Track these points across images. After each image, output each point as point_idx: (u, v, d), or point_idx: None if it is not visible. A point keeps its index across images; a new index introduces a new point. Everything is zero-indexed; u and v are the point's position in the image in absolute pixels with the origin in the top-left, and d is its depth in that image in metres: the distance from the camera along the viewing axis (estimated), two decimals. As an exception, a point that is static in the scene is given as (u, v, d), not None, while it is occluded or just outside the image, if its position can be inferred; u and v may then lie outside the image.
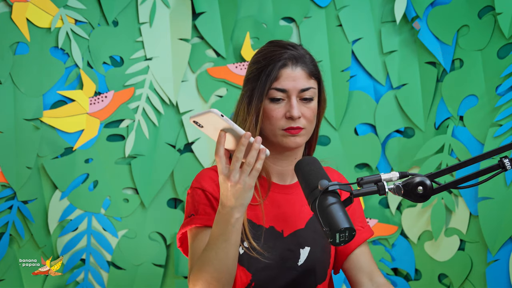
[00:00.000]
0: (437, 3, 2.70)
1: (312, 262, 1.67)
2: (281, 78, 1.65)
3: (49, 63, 2.63)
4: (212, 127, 1.45)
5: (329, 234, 1.34)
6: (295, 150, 1.69)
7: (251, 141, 1.45)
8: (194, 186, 1.67)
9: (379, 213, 2.72)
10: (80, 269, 2.63)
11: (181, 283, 2.68)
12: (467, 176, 1.40)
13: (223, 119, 1.42)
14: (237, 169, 1.45)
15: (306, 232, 1.69)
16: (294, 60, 1.65)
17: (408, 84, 2.73)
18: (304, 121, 1.65)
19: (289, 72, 1.65)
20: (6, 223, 2.58)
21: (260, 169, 1.46)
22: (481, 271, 2.59)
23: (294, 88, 1.64)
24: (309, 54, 1.70)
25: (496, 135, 2.56)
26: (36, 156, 2.61)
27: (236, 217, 1.49)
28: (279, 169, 1.71)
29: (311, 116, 1.66)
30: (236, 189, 1.46)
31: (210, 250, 1.52)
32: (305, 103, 1.65)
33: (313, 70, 1.67)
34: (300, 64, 1.65)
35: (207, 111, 1.42)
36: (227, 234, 1.50)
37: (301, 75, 1.65)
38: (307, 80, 1.66)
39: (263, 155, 1.46)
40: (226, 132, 1.45)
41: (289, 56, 1.65)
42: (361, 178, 1.40)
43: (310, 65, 1.67)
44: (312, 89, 1.66)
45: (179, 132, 2.71)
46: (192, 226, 1.63)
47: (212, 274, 1.52)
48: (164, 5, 2.73)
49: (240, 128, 1.45)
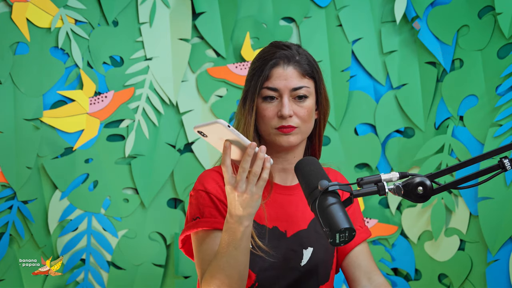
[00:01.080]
0: (437, 3, 2.70)
1: (315, 263, 1.68)
2: (272, 78, 1.65)
3: (49, 63, 2.63)
4: (216, 137, 1.44)
5: (329, 235, 1.34)
6: (293, 149, 1.69)
7: (256, 151, 1.45)
8: (198, 189, 1.67)
9: (379, 213, 2.72)
10: (80, 269, 2.63)
11: (181, 283, 2.68)
12: (467, 176, 1.39)
13: (230, 129, 1.41)
14: (243, 179, 1.44)
15: (309, 233, 1.69)
16: (285, 59, 1.66)
17: (408, 84, 2.73)
18: (296, 119, 1.65)
19: (280, 71, 1.65)
20: (6, 223, 2.58)
21: (267, 179, 1.45)
22: (481, 271, 2.59)
23: (285, 87, 1.65)
24: (306, 54, 1.70)
25: (496, 135, 2.56)
26: (36, 156, 2.61)
27: (245, 225, 1.49)
28: (280, 167, 1.71)
29: (304, 115, 1.65)
30: (243, 198, 1.45)
31: (220, 257, 1.52)
32: (298, 102, 1.65)
33: (308, 69, 1.67)
34: (292, 63, 1.66)
35: (214, 122, 1.40)
36: (237, 242, 1.50)
37: (292, 74, 1.65)
38: (300, 79, 1.66)
39: (268, 164, 1.45)
40: (232, 142, 1.44)
41: (281, 55, 1.66)
42: (361, 178, 1.40)
43: (305, 64, 1.67)
44: (305, 88, 1.66)
45: (179, 132, 2.71)
46: (198, 229, 1.63)
47: (224, 281, 1.52)
48: (164, 5, 2.73)
49: (245, 138, 1.44)
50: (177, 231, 2.68)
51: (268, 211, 1.67)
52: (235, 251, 1.50)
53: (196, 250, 1.64)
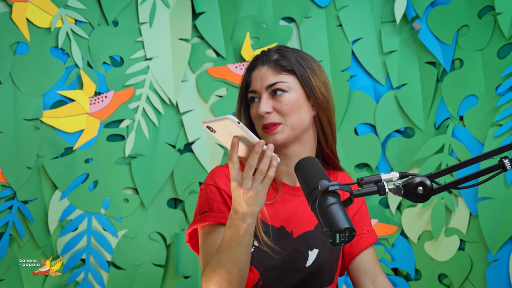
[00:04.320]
0: (437, 3, 2.70)
1: (320, 264, 1.68)
2: (251, 82, 1.71)
3: (49, 63, 2.63)
4: (225, 133, 1.45)
5: (329, 234, 1.34)
6: (291, 148, 1.70)
7: (264, 149, 1.45)
8: (208, 183, 1.68)
9: (379, 213, 2.72)
10: (80, 269, 2.63)
11: (181, 283, 2.68)
12: (467, 176, 1.39)
13: (239, 126, 1.42)
14: (250, 176, 1.45)
15: (315, 234, 1.69)
16: (259, 61, 1.72)
17: (408, 84, 2.73)
18: (277, 115, 1.67)
19: (256, 74, 1.71)
20: (6, 223, 2.58)
21: (273, 177, 1.46)
22: (481, 271, 2.59)
23: (261, 87, 1.69)
24: (291, 52, 1.71)
25: (496, 135, 2.56)
26: (36, 156, 2.61)
27: (249, 223, 1.49)
28: (285, 168, 1.72)
29: (284, 108, 1.66)
30: (248, 196, 1.46)
31: (222, 252, 1.53)
32: (276, 97, 1.67)
33: (286, 65, 1.69)
34: (266, 63, 1.70)
35: (224, 118, 1.41)
36: (239, 238, 1.50)
37: (266, 72, 1.69)
38: (275, 75, 1.68)
39: (275, 162, 1.46)
40: (240, 139, 1.45)
41: (257, 59, 1.73)
42: (361, 178, 1.40)
43: (283, 61, 1.69)
44: (281, 83, 1.68)
45: (179, 132, 2.71)
46: (205, 223, 1.64)
47: (224, 276, 1.53)
48: (164, 5, 2.73)
49: (254, 135, 1.44)
50: (177, 231, 2.68)
51: (276, 210, 1.68)
52: (236, 247, 1.51)
53: (201, 243, 1.65)
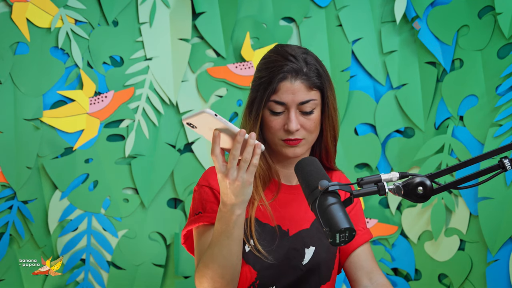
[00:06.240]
0: (437, 3, 2.70)
1: (317, 262, 1.68)
2: (280, 91, 1.64)
3: (49, 63, 2.63)
4: (206, 127, 1.44)
5: (329, 234, 1.34)
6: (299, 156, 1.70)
7: (246, 138, 1.45)
8: (201, 184, 1.68)
9: (379, 213, 2.72)
10: (80, 269, 2.63)
11: (181, 283, 2.68)
12: (467, 176, 1.39)
13: (217, 118, 1.41)
14: (234, 166, 1.45)
15: (311, 232, 1.70)
16: (293, 73, 1.64)
17: (408, 84, 2.73)
18: (303, 132, 1.66)
19: (288, 86, 1.64)
20: (6, 223, 2.58)
21: (257, 164, 1.46)
22: (481, 271, 2.59)
23: (293, 102, 1.64)
24: (314, 63, 1.68)
25: (496, 135, 2.56)
26: (36, 156, 2.61)
27: (237, 214, 1.50)
28: (287, 172, 1.73)
29: (311, 127, 1.66)
30: (235, 186, 1.46)
31: (213, 247, 1.53)
32: (305, 115, 1.66)
33: (316, 81, 1.66)
34: (300, 77, 1.64)
35: (200, 112, 1.40)
36: (230, 231, 1.51)
37: (300, 88, 1.64)
38: (307, 92, 1.65)
39: (259, 150, 1.46)
40: (221, 131, 1.45)
41: (289, 69, 1.64)
42: (361, 178, 1.40)
43: (313, 76, 1.66)
44: (312, 101, 1.65)
45: (179, 132, 2.71)
46: (199, 224, 1.64)
47: (216, 270, 1.53)
48: (164, 5, 2.73)
49: (234, 126, 1.44)
50: (177, 231, 2.68)
51: (272, 209, 1.68)
52: (227, 240, 1.51)
53: (196, 243, 1.66)
